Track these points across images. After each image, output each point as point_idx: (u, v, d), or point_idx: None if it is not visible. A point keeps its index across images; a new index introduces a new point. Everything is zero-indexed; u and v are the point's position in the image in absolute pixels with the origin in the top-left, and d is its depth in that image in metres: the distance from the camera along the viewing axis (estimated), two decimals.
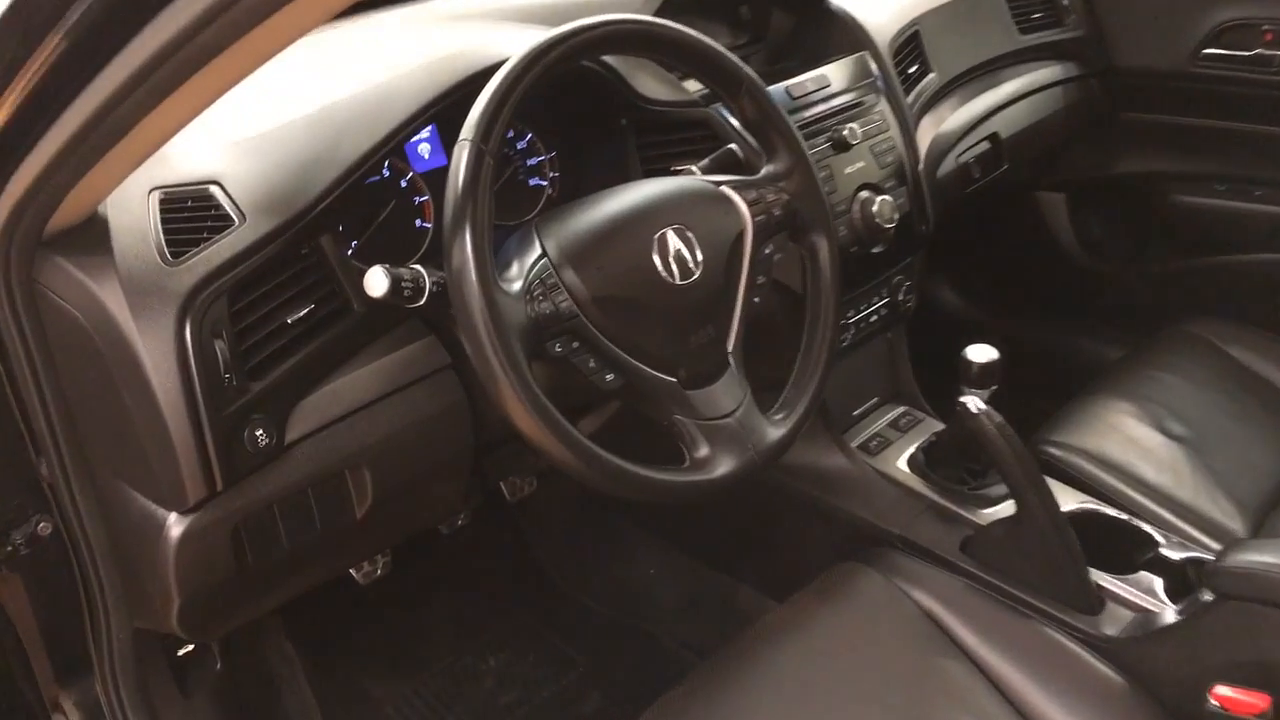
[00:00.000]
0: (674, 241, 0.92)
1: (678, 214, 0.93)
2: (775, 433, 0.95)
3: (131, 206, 0.87)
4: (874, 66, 1.42)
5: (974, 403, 1.10)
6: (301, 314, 0.90)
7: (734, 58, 0.99)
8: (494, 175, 0.82)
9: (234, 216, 0.89)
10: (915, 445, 1.36)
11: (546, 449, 0.81)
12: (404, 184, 1.09)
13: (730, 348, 0.96)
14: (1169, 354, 1.54)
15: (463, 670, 1.53)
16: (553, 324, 0.85)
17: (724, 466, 0.90)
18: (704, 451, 0.90)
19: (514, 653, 1.56)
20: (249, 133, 0.96)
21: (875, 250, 1.33)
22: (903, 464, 1.34)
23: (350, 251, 1.03)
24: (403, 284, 0.85)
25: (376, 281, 0.84)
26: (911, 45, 1.49)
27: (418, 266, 0.87)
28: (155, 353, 0.81)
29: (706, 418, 0.91)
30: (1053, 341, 1.96)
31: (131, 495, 0.90)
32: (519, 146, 1.19)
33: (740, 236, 0.97)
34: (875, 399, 1.46)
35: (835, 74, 1.37)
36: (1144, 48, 1.78)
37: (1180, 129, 1.79)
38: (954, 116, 1.52)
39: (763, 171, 1.03)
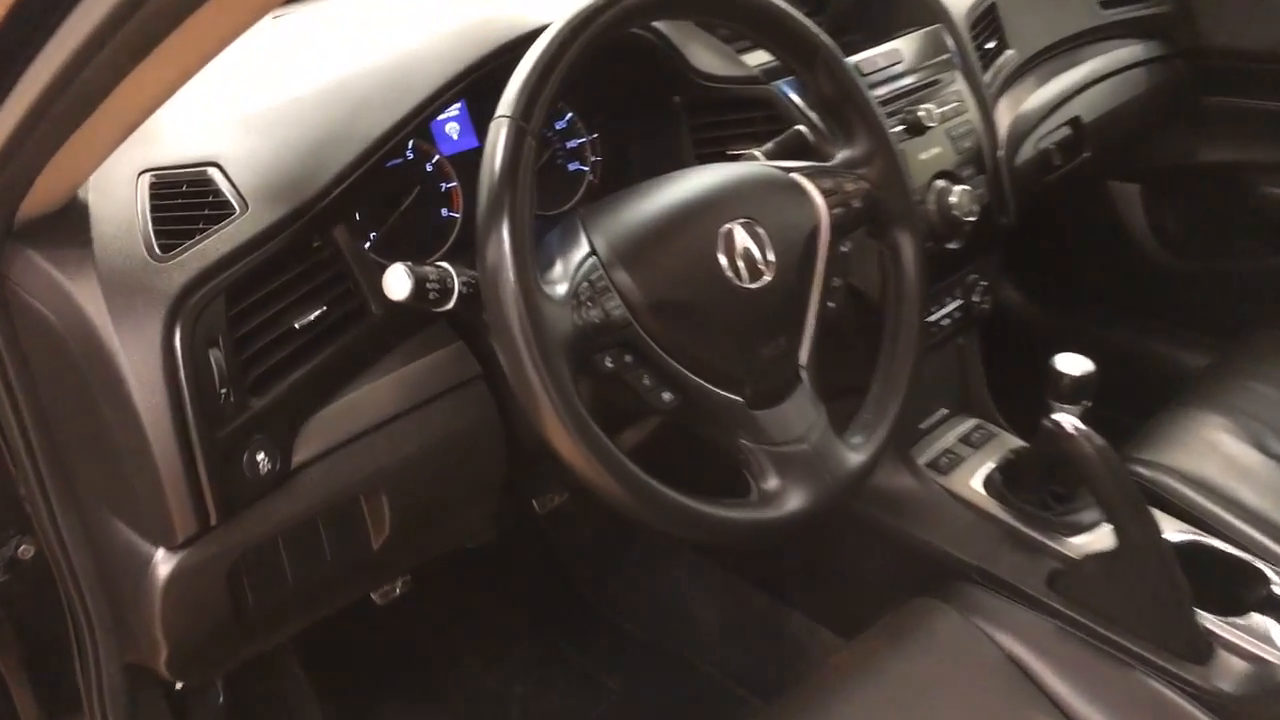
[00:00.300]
0: (742, 238, 0.79)
1: (746, 206, 0.81)
2: (854, 459, 0.82)
3: (116, 191, 0.76)
4: (949, 41, 1.28)
5: (1069, 421, 0.97)
6: (311, 317, 0.78)
7: (809, 23, 0.86)
8: (536, 159, 0.70)
9: (235, 204, 0.77)
10: (991, 464, 1.22)
11: (593, 482, 0.69)
12: (429, 168, 0.97)
13: (803, 360, 0.83)
14: (1262, 362, 1.41)
15: (487, 696, 1.42)
16: (602, 334, 0.73)
17: (796, 501, 0.77)
18: (773, 483, 0.77)
19: (542, 678, 1.45)
20: (253, 108, 0.85)
21: (950, 246, 1.19)
22: (978, 484, 1.21)
23: (368, 244, 0.92)
24: (428, 285, 0.73)
25: (398, 282, 0.73)
26: (989, 18, 1.35)
27: (445, 264, 0.76)
28: (138, 363, 0.70)
29: (776, 442, 0.78)
30: (1126, 345, 1.82)
31: (115, 524, 0.78)
32: (557, 127, 1.06)
33: (814, 232, 0.84)
34: (944, 411, 1.33)
35: (907, 49, 1.23)
36: (1235, 26, 1.62)
37: (1272, 114, 1.64)
38: (1033, 97, 1.38)
39: (838, 157, 0.90)
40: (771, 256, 0.80)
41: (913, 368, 0.88)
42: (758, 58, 1.14)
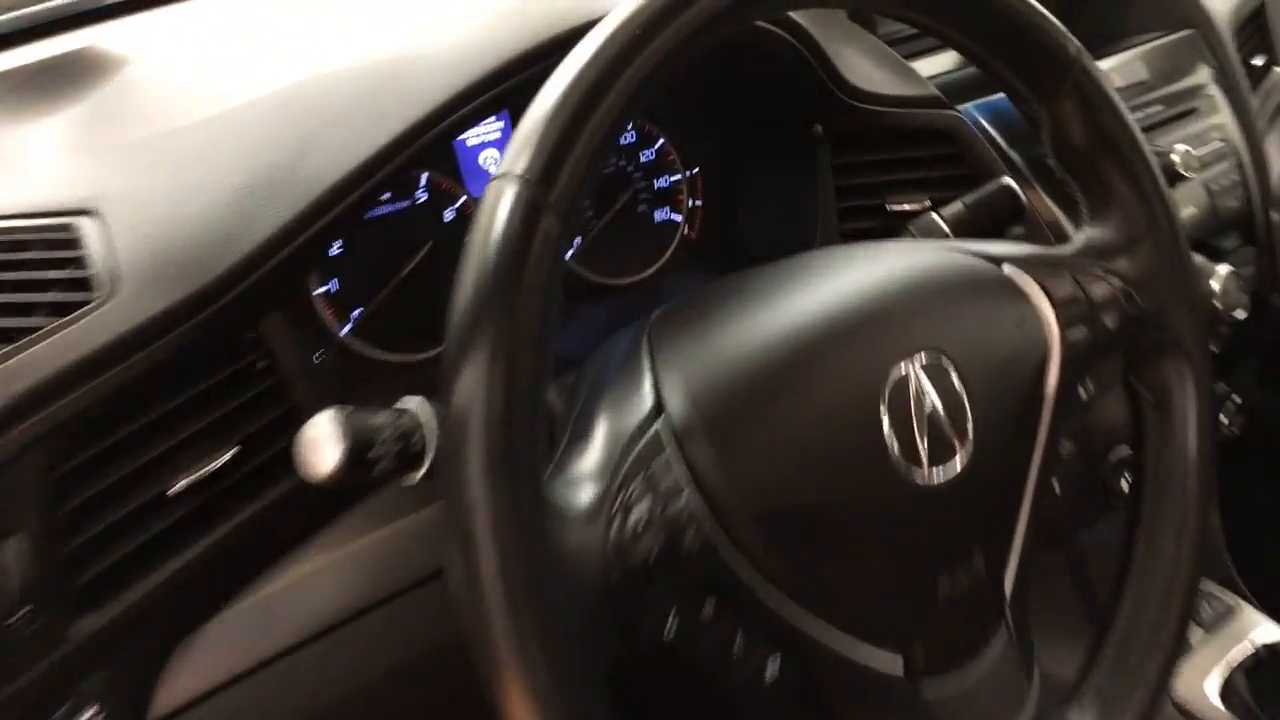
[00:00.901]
0: (924, 389, 0.45)
1: (932, 328, 0.47)
2: None
3: None
4: (1208, 54, 0.91)
5: None
6: (209, 470, 0.49)
7: (1056, 23, 0.52)
8: (562, 249, 0.39)
9: (97, 282, 0.48)
10: (1231, 657, 0.86)
11: None
12: (450, 215, 0.67)
13: (1008, 591, 0.49)
14: None
15: None
16: (663, 575, 0.40)
17: None
18: None
19: None
20: (157, 127, 0.55)
21: None
22: (1212, 690, 0.84)
23: (349, 328, 0.62)
24: (374, 450, 0.42)
25: (321, 446, 0.42)
26: (1256, 23, 0.98)
27: (414, 406, 0.44)
28: None
29: None
30: None
31: None
32: (643, 159, 0.75)
33: (1041, 370, 0.50)
34: None
35: (1149, 63, 0.87)
36: None
37: None
38: None
39: (1080, 238, 0.55)
40: (971, 425, 0.46)
41: (1189, 602, 0.53)
42: (926, 68, 0.81)
